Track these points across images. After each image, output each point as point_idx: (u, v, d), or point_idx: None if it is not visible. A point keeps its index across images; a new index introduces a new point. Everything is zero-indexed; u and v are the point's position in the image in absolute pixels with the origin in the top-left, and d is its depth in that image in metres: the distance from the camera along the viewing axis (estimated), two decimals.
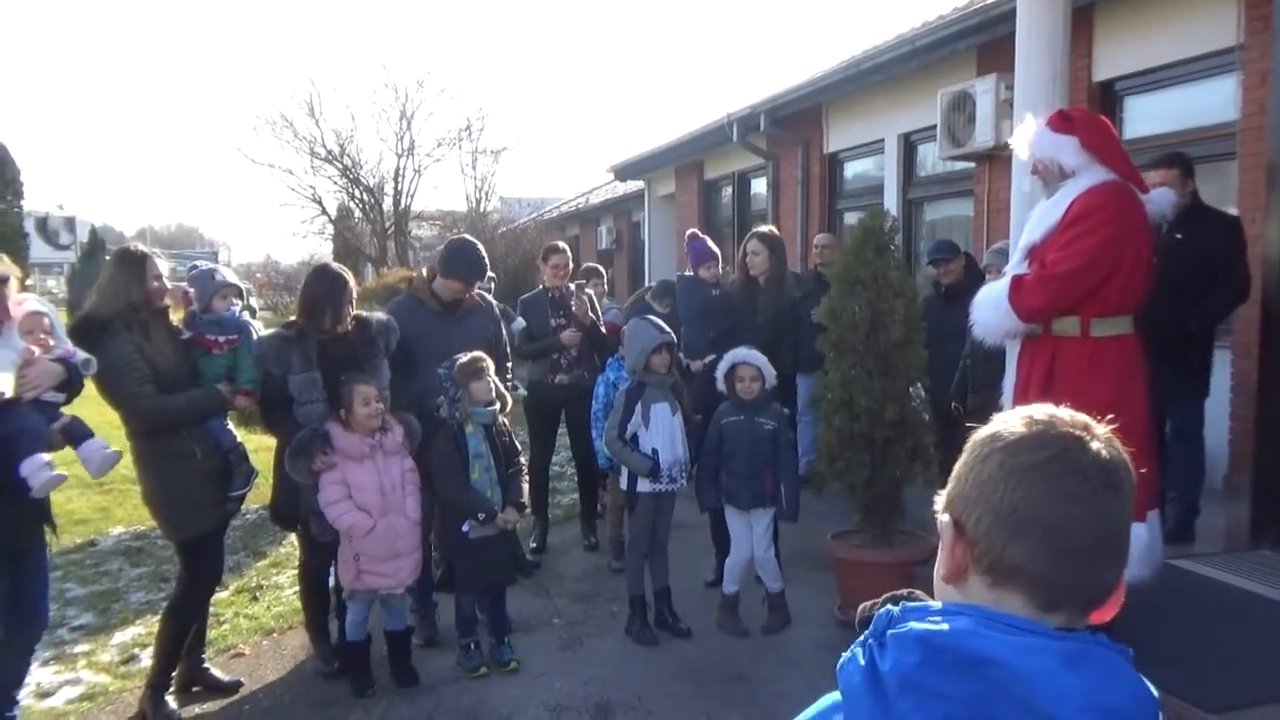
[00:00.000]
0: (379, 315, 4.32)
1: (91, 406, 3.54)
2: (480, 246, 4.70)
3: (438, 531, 4.76)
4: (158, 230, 74.38)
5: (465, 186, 32.77)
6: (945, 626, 0.91)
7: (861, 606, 1.06)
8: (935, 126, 7.81)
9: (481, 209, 25.49)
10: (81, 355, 3.39)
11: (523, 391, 5.76)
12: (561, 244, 6.05)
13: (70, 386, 3.36)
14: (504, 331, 4.93)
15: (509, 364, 4.94)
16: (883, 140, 9.30)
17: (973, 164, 7.92)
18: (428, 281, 4.66)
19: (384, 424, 3.97)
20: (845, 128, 9.98)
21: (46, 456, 3.18)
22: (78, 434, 3.40)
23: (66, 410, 3.37)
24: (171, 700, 3.80)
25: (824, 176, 10.42)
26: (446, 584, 4.55)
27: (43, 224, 38.36)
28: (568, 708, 3.83)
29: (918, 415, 4.57)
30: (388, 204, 26.13)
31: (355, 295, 4.12)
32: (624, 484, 4.61)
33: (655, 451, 4.41)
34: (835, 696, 1.00)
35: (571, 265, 5.91)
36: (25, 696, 3.74)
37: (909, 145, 9.06)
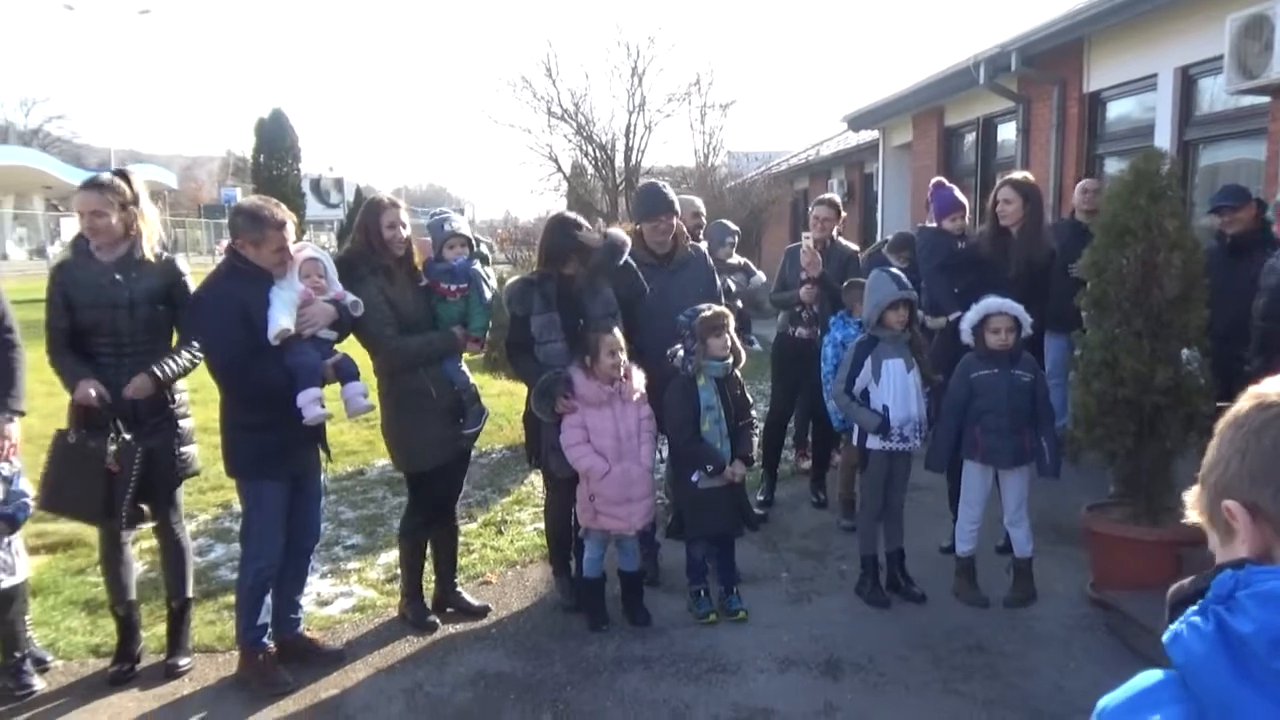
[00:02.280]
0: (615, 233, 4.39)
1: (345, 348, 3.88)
2: (661, 185, 4.73)
3: (669, 478, 4.88)
4: (411, 189, 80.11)
5: (694, 141, 32.77)
6: None
7: (1175, 587, 0.96)
8: (1221, 57, 6.90)
9: (710, 163, 25.45)
10: (350, 297, 3.72)
11: (757, 347, 5.74)
12: (831, 196, 5.89)
13: (341, 326, 3.70)
14: (719, 283, 4.87)
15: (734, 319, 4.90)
16: (1155, 75, 8.34)
17: (1267, 98, 6.94)
18: (639, 236, 4.71)
19: (625, 372, 4.08)
20: (1110, 63, 9.04)
21: (319, 392, 3.53)
22: (346, 372, 3.74)
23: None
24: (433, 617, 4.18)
25: (1082, 119, 9.52)
26: (677, 531, 4.65)
27: (316, 184, 42.52)
28: (795, 661, 3.82)
29: (1195, 381, 4.11)
30: (619, 160, 26.66)
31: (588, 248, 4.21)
32: (855, 439, 4.50)
33: (885, 408, 4.25)
34: (1154, 675, 0.91)
35: (840, 217, 5.74)
36: (307, 603, 4.21)
37: (1186, 79, 8.07)
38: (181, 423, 3.73)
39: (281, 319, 3.45)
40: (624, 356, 4.05)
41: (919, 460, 4.53)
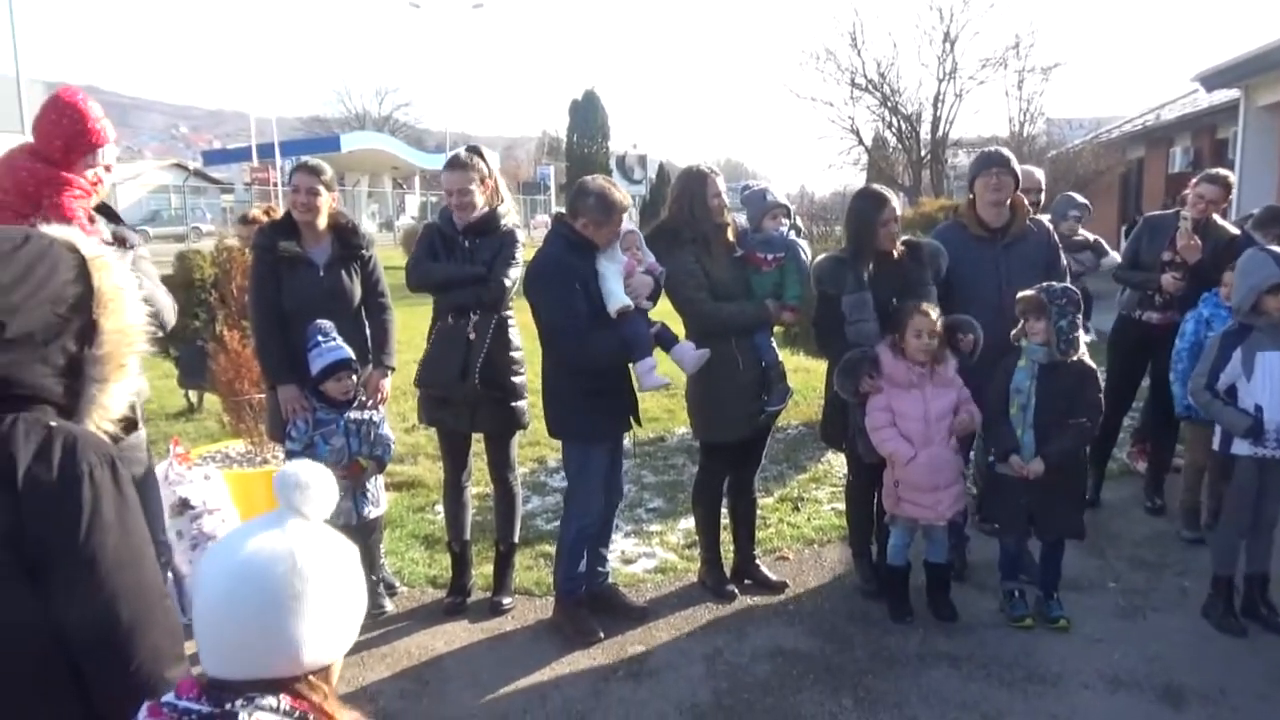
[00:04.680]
0: (930, 240, 4.19)
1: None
2: (1001, 148, 4.36)
3: (978, 465, 4.58)
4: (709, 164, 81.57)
5: (1008, 109, 30.57)
6: None
7: None
8: None
9: (1026, 133, 23.58)
10: (660, 268, 3.81)
11: (1092, 337, 5.19)
12: (1222, 172, 5.09)
13: (656, 296, 3.81)
14: (1063, 261, 4.42)
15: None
16: None
17: None
18: (970, 205, 4.39)
19: (938, 355, 3.86)
20: None
21: (654, 360, 3.67)
22: (667, 339, 3.86)
23: None
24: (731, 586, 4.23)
25: None
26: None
27: (621, 161, 44.54)
28: (1126, 682, 3.45)
29: None
30: (924, 131, 25.44)
31: (892, 223, 4.01)
32: (1216, 443, 3.94)
33: (1259, 409, 3.68)
34: None
35: (1228, 198, 5.06)
36: (613, 560, 4.42)
37: None
38: (515, 379, 4.03)
39: (621, 294, 3.62)
40: (933, 340, 3.82)
41: None
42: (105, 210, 3.10)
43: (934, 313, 3.81)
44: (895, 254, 4.02)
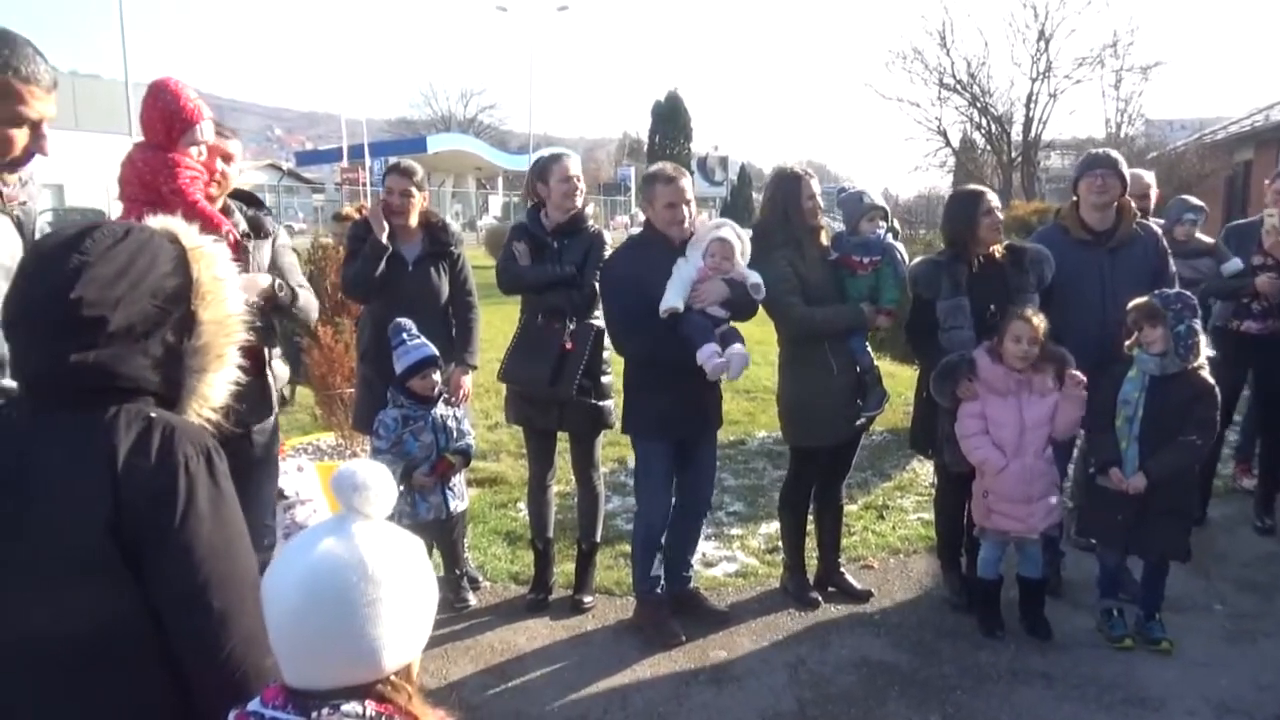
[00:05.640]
0: (1035, 245, 4.05)
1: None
2: (1108, 151, 4.17)
3: (1077, 479, 4.43)
4: (780, 166, 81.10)
5: (1105, 109, 29.56)
6: None
7: None
8: None
9: (1123, 134, 22.77)
10: (753, 279, 3.72)
11: (1211, 353, 4.94)
12: None
13: (733, 305, 3.71)
14: (1173, 268, 4.22)
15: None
16: None
17: None
18: (1072, 208, 4.22)
19: (1034, 363, 3.73)
20: None
21: (716, 347, 3.60)
22: (728, 339, 3.77)
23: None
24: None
25: None
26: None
27: (703, 163, 44.51)
28: (1236, 710, 3.28)
29: None
30: (1015, 132, 24.77)
31: (995, 212, 3.89)
32: None
33: None
34: None
35: None
36: (696, 562, 4.38)
37: None
38: (603, 379, 4.04)
39: (673, 298, 3.59)
40: (1032, 347, 3.68)
41: None
42: (246, 196, 3.16)
43: (1036, 319, 3.68)
44: (997, 256, 3.91)
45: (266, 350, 2.94)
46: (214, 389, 1.48)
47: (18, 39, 1.90)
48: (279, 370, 3.09)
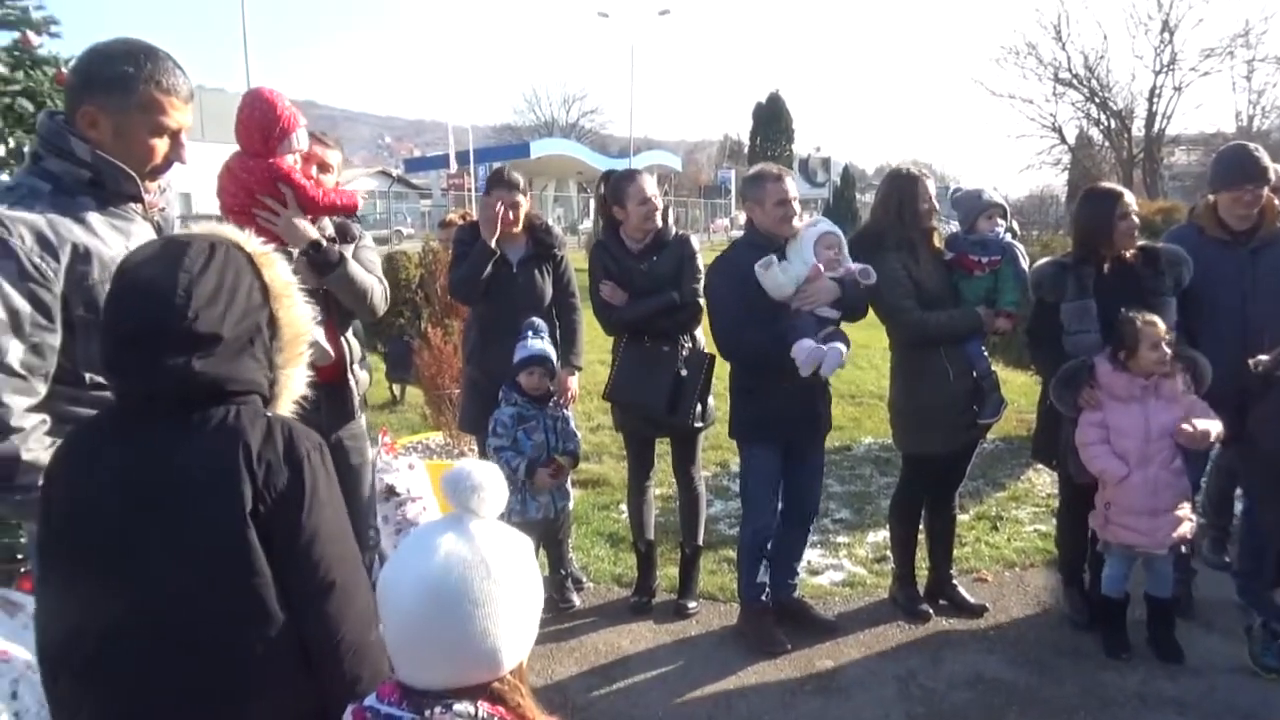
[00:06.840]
0: (1171, 246, 3.83)
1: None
2: (1253, 148, 3.88)
3: (1209, 493, 4.17)
4: (895, 166, 79.66)
5: (1235, 102, 27.96)
6: None
7: None
8: None
9: (1255, 127, 21.48)
10: (858, 266, 3.63)
11: None
12: None
13: (842, 304, 3.62)
14: None
15: None
16: None
17: None
18: (1211, 209, 3.96)
19: (1168, 368, 3.53)
20: None
21: (813, 343, 3.50)
22: (831, 339, 3.67)
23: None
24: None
25: None
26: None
27: (804, 164, 43.98)
28: None
29: None
30: (1137, 127, 23.63)
31: (1132, 215, 3.69)
32: None
33: None
34: None
35: None
36: (801, 570, 4.30)
37: None
38: (710, 398, 4.01)
39: (776, 291, 3.53)
40: (1168, 351, 3.49)
41: None
42: None
43: (1159, 321, 3.49)
44: (1128, 258, 3.71)
45: (348, 357, 3.07)
46: (296, 383, 1.61)
47: (159, 52, 1.99)
48: (360, 376, 3.19)
